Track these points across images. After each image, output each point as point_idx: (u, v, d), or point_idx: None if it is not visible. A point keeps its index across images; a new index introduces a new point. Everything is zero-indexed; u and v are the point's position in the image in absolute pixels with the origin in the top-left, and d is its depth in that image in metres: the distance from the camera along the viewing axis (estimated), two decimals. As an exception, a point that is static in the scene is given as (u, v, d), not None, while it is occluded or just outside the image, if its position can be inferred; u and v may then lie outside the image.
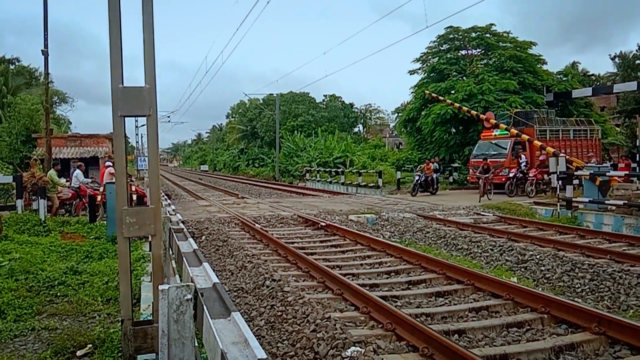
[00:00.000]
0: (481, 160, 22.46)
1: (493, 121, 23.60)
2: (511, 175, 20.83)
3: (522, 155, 22.32)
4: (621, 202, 13.74)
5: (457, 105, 26.28)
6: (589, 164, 22.18)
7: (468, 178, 24.41)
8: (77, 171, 16.17)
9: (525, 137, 23.05)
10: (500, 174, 21.52)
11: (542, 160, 20.87)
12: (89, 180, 17.61)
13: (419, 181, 22.61)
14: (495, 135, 24.20)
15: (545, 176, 19.70)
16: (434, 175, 22.92)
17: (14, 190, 14.39)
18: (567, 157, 19.40)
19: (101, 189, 15.05)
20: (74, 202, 15.50)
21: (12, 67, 41.03)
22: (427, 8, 27.42)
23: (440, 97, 27.40)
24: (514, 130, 23.28)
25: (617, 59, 42.62)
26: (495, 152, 22.92)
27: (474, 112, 25.50)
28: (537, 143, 22.37)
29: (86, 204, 14.75)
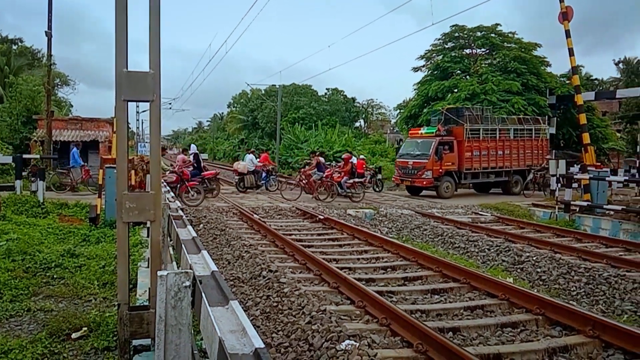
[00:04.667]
0: (406, 160, 21.01)
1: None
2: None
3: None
4: (619, 207, 13.76)
5: None
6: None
7: (393, 179, 22.62)
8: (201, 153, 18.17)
9: None
10: (422, 176, 20.01)
11: (347, 162, 19.02)
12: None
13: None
14: (421, 133, 22.03)
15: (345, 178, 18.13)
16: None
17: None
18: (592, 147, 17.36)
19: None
20: (178, 186, 15.87)
21: (14, 47, 40.81)
22: (433, 4, 27.35)
23: None
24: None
25: (621, 64, 42.58)
26: (419, 153, 20.64)
27: None
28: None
29: (189, 188, 15.59)
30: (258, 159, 21.67)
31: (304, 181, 18.95)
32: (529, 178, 22.16)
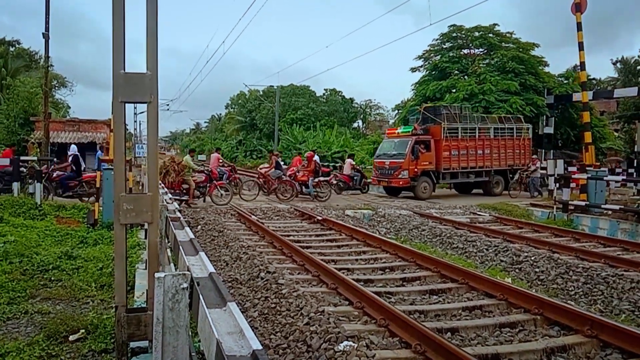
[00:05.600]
0: (383, 161, 20.60)
1: None
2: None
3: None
4: (617, 207, 13.78)
5: None
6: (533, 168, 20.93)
7: (371, 180, 22.21)
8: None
9: None
10: (399, 176, 19.64)
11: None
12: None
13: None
14: (398, 133, 21.59)
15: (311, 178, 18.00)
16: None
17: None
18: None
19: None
20: (207, 185, 16.36)
21: (12, 49, 40.77)
22: (431, 4, 27.40)
23: None
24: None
25: (618, 64, 42.62)
26: (396, 153, 20.22)
27: None
28: None
29: (218, 187, 16.23)
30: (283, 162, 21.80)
31: (261, 180, 18.78)
32: (515, 178, 21.70)
